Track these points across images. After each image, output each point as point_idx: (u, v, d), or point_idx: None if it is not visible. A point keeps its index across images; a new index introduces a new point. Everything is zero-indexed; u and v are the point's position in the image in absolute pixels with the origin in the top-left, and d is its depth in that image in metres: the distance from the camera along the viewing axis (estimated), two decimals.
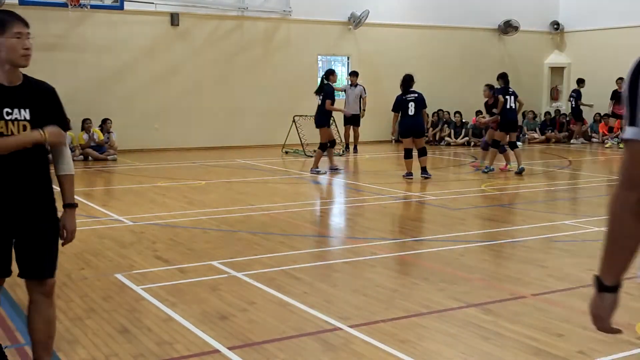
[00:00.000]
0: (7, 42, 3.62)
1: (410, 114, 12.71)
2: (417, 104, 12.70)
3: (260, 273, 6.24)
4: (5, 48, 3.61)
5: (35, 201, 3.70)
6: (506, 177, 13.04)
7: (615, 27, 21.18)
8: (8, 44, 3.62)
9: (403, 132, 13.05)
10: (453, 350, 4.43)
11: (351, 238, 7.93)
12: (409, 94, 12.81)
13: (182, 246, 7.32)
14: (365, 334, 4.68)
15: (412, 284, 5.97)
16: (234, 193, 11.17)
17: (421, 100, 12.76)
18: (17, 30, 3.63)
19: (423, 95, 12.89)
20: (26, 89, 3.71)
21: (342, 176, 13.90)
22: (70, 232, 3.83)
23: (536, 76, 23.09)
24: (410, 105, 12.69)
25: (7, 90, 3.65)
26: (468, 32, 21.73)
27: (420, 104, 12.73)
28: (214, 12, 18.35)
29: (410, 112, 12.70)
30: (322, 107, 13.51)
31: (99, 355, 4.36)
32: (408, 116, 12.75)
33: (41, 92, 3.76)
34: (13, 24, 3.63)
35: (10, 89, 3.65)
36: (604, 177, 13.59)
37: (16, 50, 3.61)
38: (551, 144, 20.73)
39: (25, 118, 3.64)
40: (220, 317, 5.03)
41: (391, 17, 20.49)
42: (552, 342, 4.55)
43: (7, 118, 3.59)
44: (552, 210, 10.02)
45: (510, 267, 6.56)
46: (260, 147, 18.35)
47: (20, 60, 3.64)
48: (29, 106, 3.66)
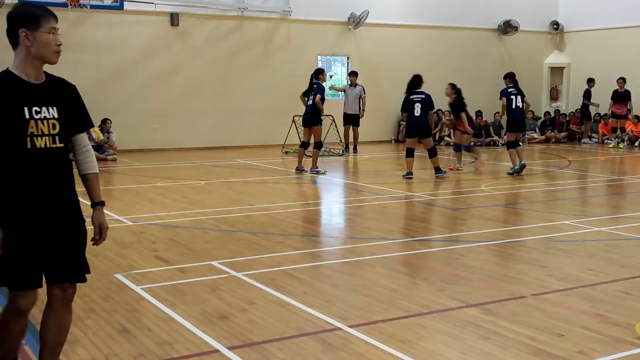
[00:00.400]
0: (42, 37, 3.46)
1: (416, 115, 12.74)
2: (423, 105, 12.72)
3: (260, 273, 6.24)
4: (39, 43, 3.45)
5: (63, 202, 3.58)
6: (506, 178, 13.04)
7: (615, 27, 21.18)
8: (43, 39, 3.46)
9: (408, 132, 13.08)
10: (453, 350, 4.43)
11: (351, 238, 7.93)
12: (415, 95, 12.82)
13: (182, 246, 7.32)
14: (365, 334, 4.67)
15: (412, 284, 5.96)
16: (233, 193, 11.17)
17: (428, 101, 12.77)
18: (52, 25, 3.48)
19: (431, 96, 12.89)
20: (51, 86, 3.56)
21: (342, 176, 13.90)
22: (104, 229, 3.71)
23: (536, 76, 23.08)
24: (416, 106, 12.72)
25: (34, 87, 3.50)
26: (468, 32, 21.73)
27: (426, 105, 12.73)
28: (213, 12, 18.36)
29: (416, 112, 12.72)
30: (313, 106, 13.47)
31: (99, 355, 4.36)
32: (414, 117, 12.78)
33: (65, 90, 3.62)
34: (49, 19, 3.48)
35: (37, 86, 3.50)
36: (604, 177, 13.59)
37: (50, 46, 3.47)
38: (551, 144, 20.74)
39: (54, 116, 3.51)
40: (220, 317, 5.02)
41: (391, 17, 20.49)
42: (552, 342, 4.54)
43: (36, 117, 3.45)
44: (552, 210, 10.01)
45: (510, 267, 6.56)
46: (260, 147, 18.36)
47: (53, 57, 3.51)
48: (55, 104, 3.53)
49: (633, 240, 7.77)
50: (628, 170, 15.46)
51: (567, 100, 23.20)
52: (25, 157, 3.45)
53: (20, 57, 3.48)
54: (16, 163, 3.45)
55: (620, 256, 6.97)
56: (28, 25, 3.44)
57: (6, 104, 3.40)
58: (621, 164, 16.66)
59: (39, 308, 3.72)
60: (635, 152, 18.51)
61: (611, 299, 5.52)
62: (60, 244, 3.56)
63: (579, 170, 14.75)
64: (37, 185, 3.48)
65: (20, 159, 3.44)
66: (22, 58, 3.48)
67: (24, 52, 3.47)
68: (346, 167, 15.66)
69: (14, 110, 3.41)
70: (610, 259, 6.83)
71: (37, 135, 3.44)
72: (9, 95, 3.42)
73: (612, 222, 8.84)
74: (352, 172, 14.86)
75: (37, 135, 3.44)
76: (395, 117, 21.03)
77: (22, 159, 3.45)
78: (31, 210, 3.47)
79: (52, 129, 3.50)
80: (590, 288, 5.83)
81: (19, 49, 3.48)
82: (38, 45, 3.45)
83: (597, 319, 5.02)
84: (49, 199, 3.52)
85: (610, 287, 5.85)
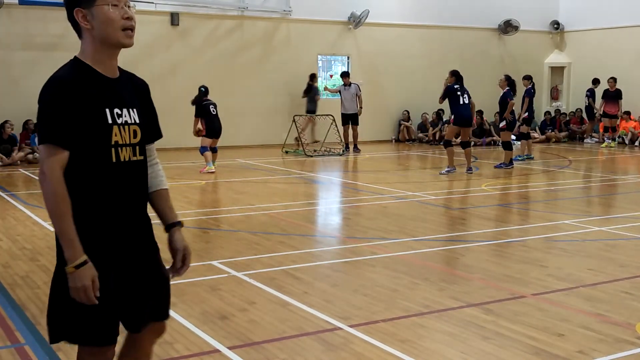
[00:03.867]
0: (101, 12, 2.62)
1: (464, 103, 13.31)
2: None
3: (260, 273, 6.24)
4: (100, 22, 2.63)
5: (145, 227, 2.87)
6: (506, 178, 13.03)
7: (615, 27, 21.18)
8: (103, 15, 2.62)
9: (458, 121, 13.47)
10: (453, 350, 4.43)
11: (351, 238, 7.93)
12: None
13: None
14: (365, 334, 4.67)
15: (412, 283, 5.96)
16: (234, 193, 11.17)
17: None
18: None
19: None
20: (127, 82, 2.81)
21: (342, 176, 13.89)
22: (189, 255, 2.96)
23: (536, 76, 23.00)
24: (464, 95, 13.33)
25: (112, 83, 2.71)
26: (468, 32, 21.73)
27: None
28: (214, 12, 18.36)
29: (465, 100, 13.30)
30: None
31: None
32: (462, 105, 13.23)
33: (141, 87, 2.89)
34: None
35: (114, 81, 2.72)
36: (604, 177, 13.59)
37: (113, 23, 2.63)
38: (551, 144, 20.74)
39: (135, 121, 2.75)
40: (220, 317, 5.02)
41: (391, 16, 20.49)
42: (552, 342, 4.54)
43: (119, 122, 2.68)
44: (552, 210, 10.01)
45: (510, 267, 6.56)
46: (260, 147, 18.36)
47: (121, 37, 2.66)
48: (135, 105, 2.78)
49: (633, 240, 7.77)
50: (628, 170, 15.45)
51: (568, 100, 23.20)
52: (110, 174, 2.67)
53: (86, 45, 2.70)
54: (97, 182, 2.66)
55: (621, 256, 6.97)
56: (82, 2, 2.65)
57: (87, 103, 2.61)
58: (620, 163, 16.65)
59: (40, 310, 3.71)
60: (635, 152, 18.51)
61: (611, 298, 5.52)
62: (148, 279, 2.83)
63: (579, 170, 14.75)
64: (123, 212, 2.74)
65: (102, 176, 2.66)
66: (88, 46, 2.69)
67: (89, 38, 2.68)
68: (346, 166, 15.66)
69: (95, 113, 2.63)
70: (610, 259, 6.83)
71: (121, 145, 2.69)
72: (88, 92, 2.62)
73: (613, 222, 8.84)
74: (352, 172, 14.86)
75: (121, 145, 2.69)
76: (396, 117, 21.04)
77: (105, 176, 2.66)
78: (118, 243, 2.71)
79: (133, 137, 2.74)
80: (590, 288, 5.83)
81: (82, 35, 2.71)
82: (99, 24, 2.63)
83: (597, 318, 5.02)
84: (136, 229, 2.81)
85: (610, 287, 5.85)
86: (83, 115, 2.58)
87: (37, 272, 6.24)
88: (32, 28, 16.21)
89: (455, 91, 13.10)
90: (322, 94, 18.97)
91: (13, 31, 16.02)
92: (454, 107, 13.20)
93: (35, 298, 5.45)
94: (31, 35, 16.22)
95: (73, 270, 2.54)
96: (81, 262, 2.55)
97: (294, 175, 13.44)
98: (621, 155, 17.99)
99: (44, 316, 4.99)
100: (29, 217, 8.95)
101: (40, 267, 6.43)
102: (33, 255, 6.93)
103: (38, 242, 7.53)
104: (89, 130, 2.60)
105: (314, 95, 18.42)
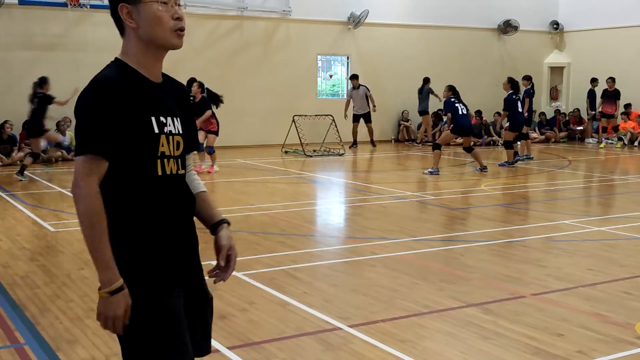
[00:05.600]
0: (149, 10, 2.38)
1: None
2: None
3: (260, 273, 6.24)
4: (147, 21, 2.38)
5: (193, 246, 2.63)
6: (506, 178, 13.04)
7: (615, 27, 21.18)
8: (151, 13, 2.38)
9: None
10: (453, 350, 4.43)
11: (351, 238, 7.93)
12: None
13: None
14: (364, 334, 4.68)
15: (412, 283, 5.96)
16: (234, 193, 11.17)
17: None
18: None
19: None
20: (171, 88, 2.55)
21: (342, 175, 13.89)
22: (234, 256, 2.75)
23: (536, 76, 23.02)
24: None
25: (156, 89, 2.45)
26: (468, 32, 21.73)
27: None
28: (213, 12, 18.35)
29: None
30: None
31: (99, 355, 4.35)
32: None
33: (183, 94, 2.64)
34: None
35: (158, 87, 2.47)
36: (603, 177, 13.59)
37: (163, 22, 2.39)
38: (550, 144, 20.74)
39: (179, 132, 2.48)
40: (220, 317, 5.02)
41: (391, 16, 20.49)
42: (552, 342, 4.55)
43: (165, 131, 2.41)
44: (552, 210, 10.02)
45: (510, 267, 6.56)
46: (260, 147, 18.35)
47: (172, 38, 2.43)
48: (177, 114, 2.50)
49: (632, 239, 7.77)
50: (628, 170, 15.45)
51: (567, 100, 23.20)
52: (155, 188, 2.40)
53: (130, 46, 2.46)
54: (142, 197, 2.39)
55: (620, 256, 6.98)
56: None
57: (134, 110, 2.34)
58: (620, 163, 16.66)
59: (40, 310, 3.71)
60: (635, 152, 18.51)
61: (611, 298, 5.52)
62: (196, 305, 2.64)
63: (578, 170, 14.76)
64: (171, 230, 2.47)
65: (147, 190, 2.39)
66: (132, 47, 2.45)
67: (133, 38, 2.44)
68: (346, 167, 15.66)
69: (142, 121, 2.36)
70: (610, 259, 6.84)
71: (167, 156, 2.42)
72: (136, 98, 2.36)
73: (612, 222, 8.84)
74: (352, 172, 14.86)
75: (167, 156, 2.42)
76: (395, 117, 21.04)
77: (150, 190, 2.40)
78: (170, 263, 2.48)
79: (177, 148, 2.46)
80: (590, 288, 5.83)
81: (125, 34, 2.47)
82: (146, 23, 2.39)
83: (597, 318, 5.02)
84: (185, 248, 2.57)
85: (610, 287, 5.85)
86: (130, 122, 2.32)
87: (37, 272, 6.24)
88: (32, 28, 16.20)
89: (453, 104, 13.46)
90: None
91: (13, 31, 16.00)
92: (453, 119, 13.48)
93: (35, 298, 5.45)
94: (31, 35, 16.21)
95: (107, 296, 2.29)
96: (117, 288, 2.29)
97: (294, 175, 13.44)
98: (621, 155, 17.99)
99: (43, 316, 5.02)
100: (29, 217, 8.95)
101: (40, 267, 6.43)
102: (33, 255, 6.94)
103: (38, 242, 7.53)
104: (134, 140, 2.33)
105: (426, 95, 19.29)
